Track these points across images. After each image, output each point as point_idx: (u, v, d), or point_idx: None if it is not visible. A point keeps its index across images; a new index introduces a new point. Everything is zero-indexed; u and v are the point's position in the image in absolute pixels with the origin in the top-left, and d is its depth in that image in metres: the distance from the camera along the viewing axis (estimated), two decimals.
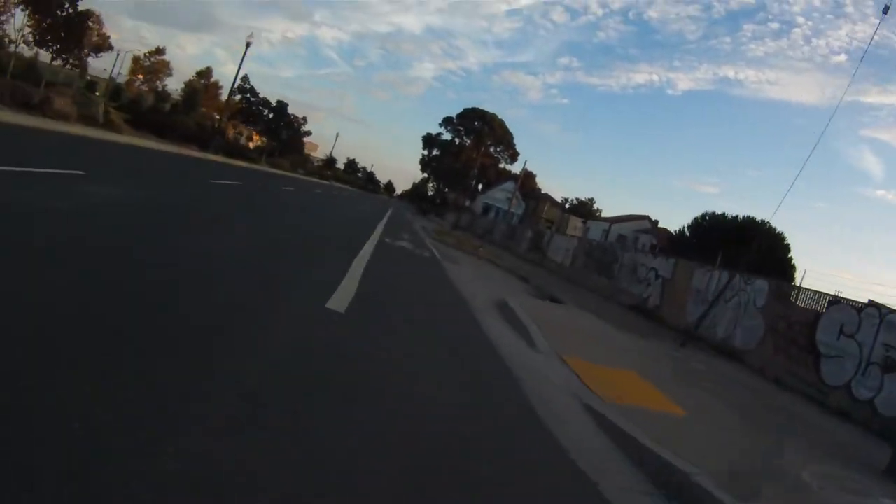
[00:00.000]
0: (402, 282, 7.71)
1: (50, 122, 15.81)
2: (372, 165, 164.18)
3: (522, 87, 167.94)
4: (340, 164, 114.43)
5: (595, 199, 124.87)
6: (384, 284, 6.93)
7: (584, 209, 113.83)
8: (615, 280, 17.66)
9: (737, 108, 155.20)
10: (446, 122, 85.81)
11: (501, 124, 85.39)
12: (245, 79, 39.96)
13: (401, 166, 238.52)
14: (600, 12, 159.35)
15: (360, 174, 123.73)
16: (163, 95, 44.30)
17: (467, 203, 70.04)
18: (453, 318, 6.43)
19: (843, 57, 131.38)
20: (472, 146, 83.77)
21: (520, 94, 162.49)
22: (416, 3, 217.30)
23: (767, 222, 45.78)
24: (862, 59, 29.12)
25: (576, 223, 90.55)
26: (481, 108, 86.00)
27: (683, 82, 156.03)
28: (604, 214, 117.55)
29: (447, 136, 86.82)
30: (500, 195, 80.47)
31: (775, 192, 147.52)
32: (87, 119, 18.58)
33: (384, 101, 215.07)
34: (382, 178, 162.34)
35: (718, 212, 45.24)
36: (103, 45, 38.91)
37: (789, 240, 44.33)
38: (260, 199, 14.04)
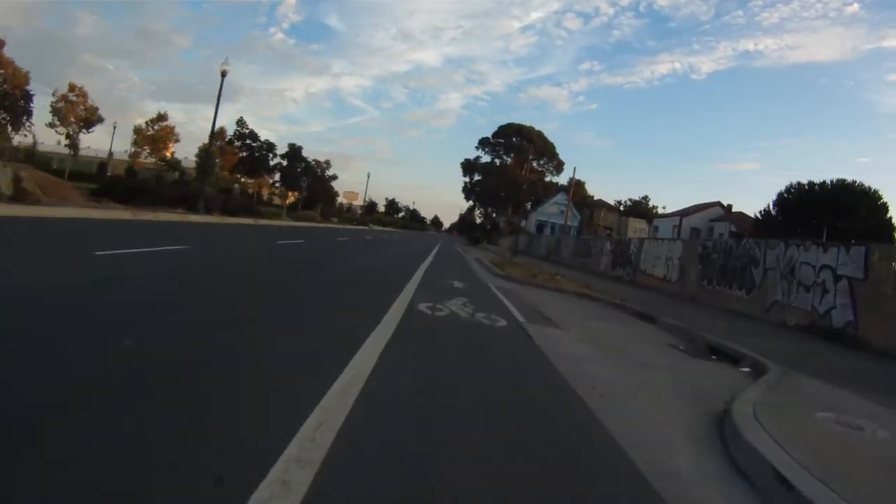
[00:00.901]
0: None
1: None
2: (413, 203, 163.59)
3: (550, 99, 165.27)
4: (382, 207, 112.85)
5: (649, 197, 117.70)
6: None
7: (640, 209, 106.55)
8: (760, 292, 12.64)
9: (762, 80, 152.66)
10: (483, 143, 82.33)
11: (540, 135, 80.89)
12: (241, 122, 37.35)
13: (445, 199, 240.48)
14: (611, 11, 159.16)
15: (402, 214, 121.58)
16: (172, 163, 42.93)
17: (522, 223, 65.21)
18: None
19: (856, 6, 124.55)
20: (514, 163, 79.59)
21: (548, 108, 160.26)
22: (430, 37, 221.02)
23: (861, 184, 38.83)
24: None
25: (636, 225, 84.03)
26: (516, 122, 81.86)
27: (706, 65, 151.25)
28: (661, 210, 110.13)
29: (486, 157, 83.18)
30: (552, 209, 75.38)
31: (819, 157, 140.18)
32: None
33: (417, 137, 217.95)
34: (428, 214, 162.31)
35: (804, 182, 38.72)
36: (92, 119, 37.87)
37: (885, 198, 37.15)
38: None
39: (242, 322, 4.92)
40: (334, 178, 52.14)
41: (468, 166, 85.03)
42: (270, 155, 36.29)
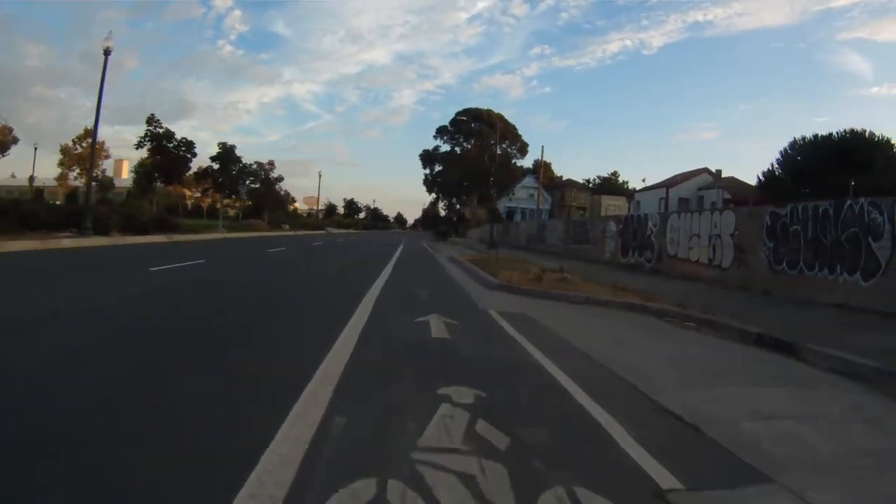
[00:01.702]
0: None
1: None
2: (374, 201, 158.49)
3: (503, 87, 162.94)
4: (342, 210, 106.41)
5: (618, 173, 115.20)
6: None
7: (611, 185, 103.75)
8: (891, 275, 8.15)
9: (714, 50, 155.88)
10: (441, 132, 77.28)
11: (500, 118, 76.41)
12: (153, 121, 31.21)
13: (407, 196, 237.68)
14: None
15: (362, 214, 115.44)
16: (104, 183, 36.59)
17: (498, 207, 60.28)
18: None
19: None
20: (475, 150, 74.82)
21: (503, 95, 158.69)
22: (379, 36, 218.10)
23: (873, 133, 35.59)
24: None
25: (611, 202, 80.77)
26: (474, 107, 77.06)
27: (656, 39, 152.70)
28: (634, 185, 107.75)
29: (445, 146, 78.18)
30: (521, 194, 71.12)
31: (776, 120, 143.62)
32: None
33: (374, 138, 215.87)
34: (390, 212, 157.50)
35: (808, 137, 35.16)
36: (6, 140, 31.33)
37: None
38: None
39: None
40: (280, 179, 45.78)
41: (427, 157, 79.95)
42: (189, 156, 30.28)
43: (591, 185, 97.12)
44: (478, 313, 7.12)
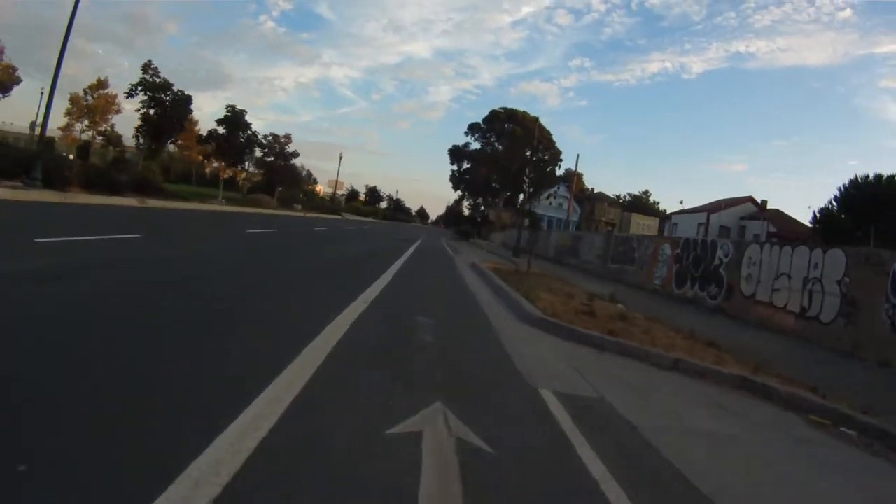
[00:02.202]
0: None
1: None
2: (397, 191, 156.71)
3: (540, 94, 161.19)
4: (364, 196, 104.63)
5: (650, 192, 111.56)
6: None
7: (642, 204, 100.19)
8: None
9: (753, 82, 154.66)
10: (472, 129, 74.64)
11: (535, 121, 73.37)
12: (150, 67, 29.16)
13: (433, 192, 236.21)
14: (603, 8, 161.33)
15: (384, 203, 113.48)
16: (111, 138, 34.85)
17: (529, 208, 57.30)
18: None
19: (848, 11, 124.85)
20: (506, 151, 72.12)
21: (538, 103, 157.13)
22: (421, 29, 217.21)
23: None
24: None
25: (641, 220, 77.53)
26: (509, 107, 74.28)
27: (696, 65, 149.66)
28: (661, 207, 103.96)
29: (476, 144, 75.52)
30: (549, 202, 68.32)
31: (807, 160, 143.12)
32: None
33: (406, 129, 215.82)
34: (414, 205, 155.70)
35: (863, 176, 32.26)
36: (11, 80, 29.81)
37: None
38: None
39: None
40: (295, 155, 43.66)
41: (456, 153, 77.47)
42: (191, 114, 28.54)
43: (621, 201, 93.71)
44: (520, 397, 4.06)
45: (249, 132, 37.66)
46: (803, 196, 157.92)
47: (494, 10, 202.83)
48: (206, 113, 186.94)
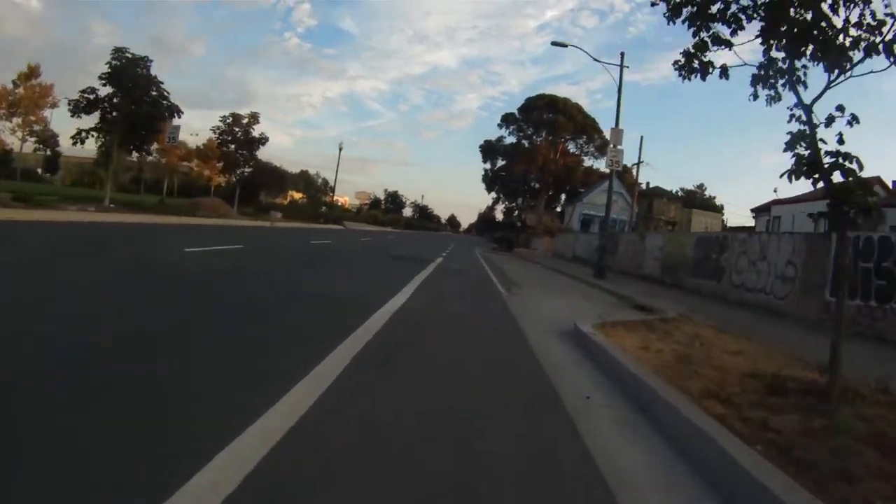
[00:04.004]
0: None
1: None
2: (422, 196, 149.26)
3: (567, 98, 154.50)
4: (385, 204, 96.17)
5: (705, 186, 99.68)
6: None
7: (696, 200, 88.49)
8: None
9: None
10: (507, 120, 65.20)
11: (579, 109, 63.56)
12: (120, 50, 20.81)
13: (465, 201, 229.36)
14: (626, 7, 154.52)
15: (408, 211, 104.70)
16: (42, 137, 27.16)
17: (568, 217, 47.66)
18: None
19: None
20: (545, 144, 62.41)
21: None
22: (446, 38, 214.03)
23: None
24: None
25: (701, 218, 66.33)
26: (548, 93, 64.39)
27: (723, 58, 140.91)
28: (717, 202, 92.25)
29: (511, 139, 65.94)
30: (600, 199, 57.92)
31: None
32: None
33: (434, 139, 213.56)
34: (444, 214, 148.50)
35: None
36: None
37: None
38: None
39: None
40: (262, 142, 33.56)
41: (489, 149, 68.36)
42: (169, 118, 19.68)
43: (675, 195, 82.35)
44: None
45: (156, 93, 24.53)
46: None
47: (519, 15, 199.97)
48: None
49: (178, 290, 6.23)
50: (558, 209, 73.76)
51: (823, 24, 3.53)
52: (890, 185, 35.70)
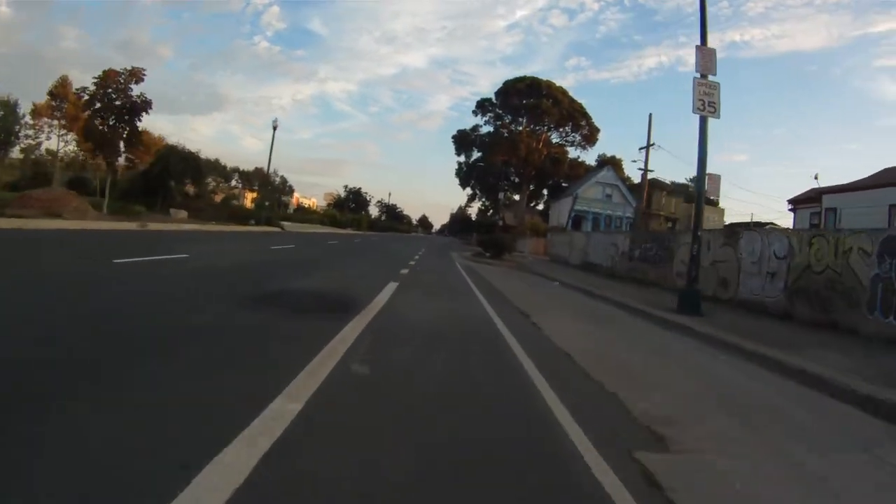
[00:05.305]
0: None
1: None
2: (389, 195, 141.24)
3: (551, 80, 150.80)
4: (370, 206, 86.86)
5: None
6: None
7: (690, 195, 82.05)
8: None
9: (750, 71, 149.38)
10: (482, 107, 57.02)
11: (565, 92, 55.83)
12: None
13: (437, 201, 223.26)
14: (596, 6, 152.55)
15: (374, 210, 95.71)
16: None
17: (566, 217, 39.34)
18: None
19: None
20: (526, 132, 54.51)
21: None
22: (415, 39, 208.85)
23: None
24: None
25: (706, 214, 59.60)
26: (529, 75, 56.28)
27: (693, 56, 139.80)
28: (712, 196, 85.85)
29: (487, 127, 57.75)
30: (593, 193, 50.37)
31: (810, 147, 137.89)
32: None
33: (406, 140, 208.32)
34: (415, 214, 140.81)
35: None
36: None
37: None
38: None
39: None
40: (143, 107, 23.67)
41: (463, 140, 60.27)
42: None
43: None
44: None
45: None
46: (801, 184, 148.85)
47: (488, 15, 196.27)
48: (205, 136, 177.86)
49: None
50: (539, 206, 66.32)
51: None
52: None
